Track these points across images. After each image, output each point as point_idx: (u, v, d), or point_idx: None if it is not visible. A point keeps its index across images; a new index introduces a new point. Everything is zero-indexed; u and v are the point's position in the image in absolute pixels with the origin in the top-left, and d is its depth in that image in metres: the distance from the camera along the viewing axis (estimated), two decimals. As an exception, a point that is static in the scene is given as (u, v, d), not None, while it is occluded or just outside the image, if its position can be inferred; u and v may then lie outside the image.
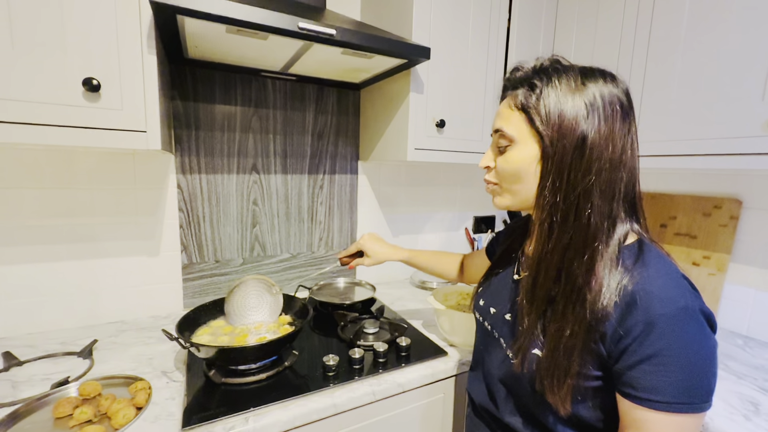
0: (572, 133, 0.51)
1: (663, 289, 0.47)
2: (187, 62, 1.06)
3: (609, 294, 0.48)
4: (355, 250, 1.02)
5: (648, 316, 0.46)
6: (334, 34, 0.82)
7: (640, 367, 0.46)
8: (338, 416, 0.78)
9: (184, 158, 1.13)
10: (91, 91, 0.69)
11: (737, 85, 0.88)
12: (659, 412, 0.45)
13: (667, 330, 0.45)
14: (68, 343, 0.95)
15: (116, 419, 0.66)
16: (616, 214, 0.52)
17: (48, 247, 0.99)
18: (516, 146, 0.56)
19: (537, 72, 0.55)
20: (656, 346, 0.45)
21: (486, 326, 0.68)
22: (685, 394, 0.45)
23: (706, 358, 0.45)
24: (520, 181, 0.57)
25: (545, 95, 0.53)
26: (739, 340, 1.11)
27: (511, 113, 0.57)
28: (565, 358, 0.50)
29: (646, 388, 0.46)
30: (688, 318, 0.45)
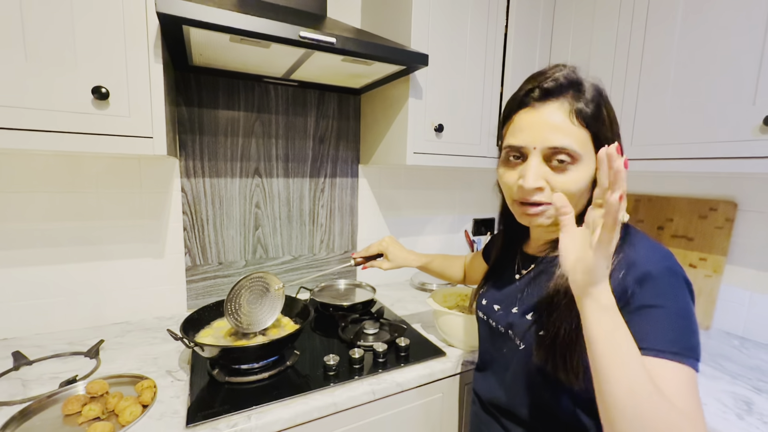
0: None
1: (651, 254, 0.51)
2: (192, 69, 1.09)
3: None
4: (375, 252, 0.99)
5: (641, 272, 0.49)
6: (335, 42, 0.85)
7: (637, 317, 0.48)
8: (338, 414, 0.80)
9: (189, 162, 1.15)
10: (100, 99, 0.72)
11: (729, 90, 0.90)
12: (660, 359, 0.45)
13: (659, 283, 0.49)
14: (75, 343, 0.97)
15: (123, 416, 0.68)
16: None
17: (56, 250, 1.02)
18: (580, 165, 0.54)
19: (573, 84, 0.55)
20: (649, 295, 0.48)
21: (491, 323, 0.70)
22: (674, 344, 0.46)
23: (690, 315, 0.49)
24: (577, 200, 0.55)
25: (603, 118, 0.55)
26: (735, 341, 1.12)
27: (576, 129, 0.53)
28: (571, 333, 0.52)
29: (645, 336, 0.46)
30: (674, 277, 0.49)
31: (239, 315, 0.90)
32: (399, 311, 1.25)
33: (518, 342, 0.62)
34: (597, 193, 0.44)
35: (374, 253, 1.00)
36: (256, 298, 0.95)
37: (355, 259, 1.00)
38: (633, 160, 1.10)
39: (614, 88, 1.14)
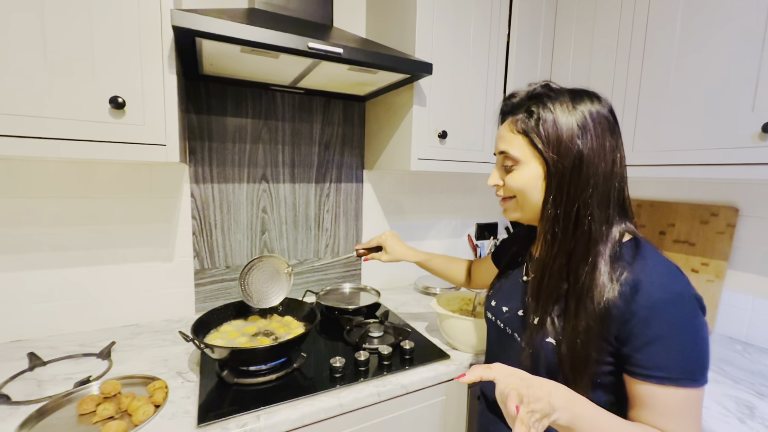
0: (570, 152, 0.57)
1: (662, 277, 0.53)
2: (202, 78, 1.12)
3: (613, 287, 0.54)
4: (375, 244, 1.05)
5: (650, 301, 0.52)
6: (342, 53, 0.87)
7: (647, 348, 0.52)
8: (344, 416, 0.82)
9: (198, 168, 1.18)
10: (117, 108, 0.75)
11: (728, 97, 0.92)
12: (666, 387, 0.51)
13: (668, 313, 0.51)
14: (87, 345, 0.99)
15: (136, 416, 0.70)
16: (612, 219, 0.58)
17: (68, 253, 1.04)
18: (521, 166, 0.62)
19: (532, 98, 0.62)
20: (660, 328, 0.51)
21: (499, 325, 0.73)
22: (688, 370, 0.51)
23: (702, 338, 0.52)
24: (525, 197, 0.63)
25: (543, 119, 0.59)
26: (738, 345, 1.13)
27: (514, 137, 0.63)
28: (584, 350, 0.55)
29: (653, 366, 0.52)
30: (684, 302, 0.52)
31: (250, 290, 0.96)
32: (403, 315, 1.27)
33: (524, 345, 0.64)
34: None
35: (374, 246, 1.06)
36: (267, 278, 1.02)
37: (358, 250, 1.07)
38: (634, 166, 1.12)
39: (615, 95, 1.16)
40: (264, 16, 0.97)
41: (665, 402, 0.51)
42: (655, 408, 0.52)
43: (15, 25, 0.68)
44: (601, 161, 0.57)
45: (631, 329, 0.52)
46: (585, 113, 0.58)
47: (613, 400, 0.58)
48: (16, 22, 0.68)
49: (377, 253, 1.05)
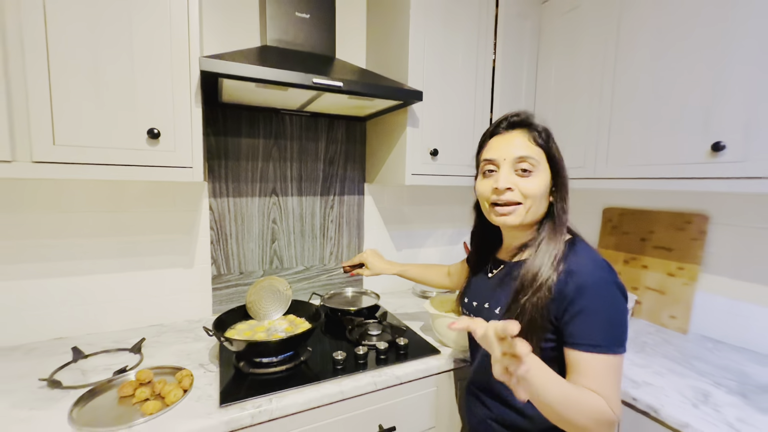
0: (564, 169, 0.74)
1: (589, 267, 0.66)
2: (220, 105, 1.27)
3: (553, 274, 0.67)
4: (357, 261, 1.20)
5: (579, 282, 0.64)
6: (341, 86, 1.01)
7: (574, 320, 0.64)
8: (345, 401, 0.93)
9: (215, 184, 1.32)
10: (153, 138, 0.89)
11: (685, 120, 1.03)
12: (590, 353, 0.63)
13: (592, 292, 0.63)
14: (120, 342, 1.13)
15: (168, 398, 0.82)
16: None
17: (101, 261, 1.19)
18: (537, 174, 0.73)
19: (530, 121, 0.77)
20: (584, 304, 0.63)
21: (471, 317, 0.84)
22: (607, 340, 0.63)
23: (619, 315, 0.64)
24: (538, 202, 0.73)
25: (552, 140, 0.75)
26: (709, 344, 1.22)
27: (533, 146, 0.74)
28: (531, 328, 0.67)
29: (580, 336, 0.64)
30: (607, 285, 0.64)
31: (257, 309, 1.10)
32: (401, 315, 1.38)
33: None
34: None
35: (357, 263, 1.20)
36: (271, 297, 1.15)
37: (344, 267, 1.21)
38: (609, 179, 1.23)
39: (592, 114, 1.28)
40: (275, 52, 1.11)
41: (590, 366, 0.63)
42: (582, 371, 0.63)
43: (75, 73, 0.83)
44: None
45: (565, 307, 0.65)
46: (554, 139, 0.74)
47: (558, 371, 0.69)
48: (76, 71, 0.83)
49: (360, 269, 1.20)
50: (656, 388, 0.94)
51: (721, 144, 0.94)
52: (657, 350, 1.16)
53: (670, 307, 1.34)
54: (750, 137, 0.91)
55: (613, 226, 1.56)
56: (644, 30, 1.13)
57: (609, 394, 0.62)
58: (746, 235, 1.18)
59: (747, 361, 1.10)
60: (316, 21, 1.22)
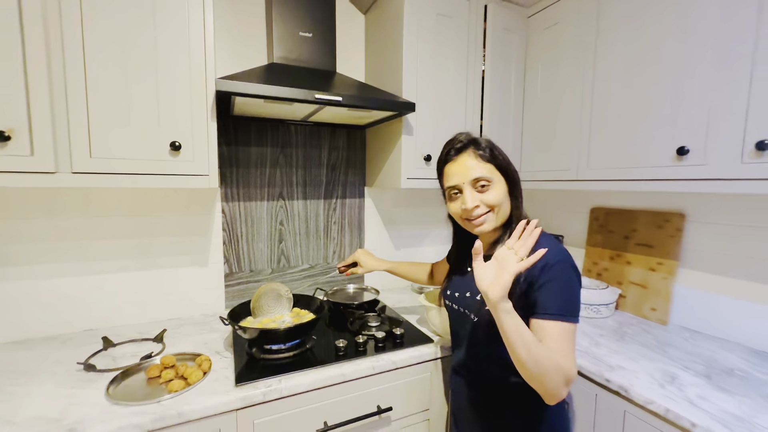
0: (514, 172, 0.86)
1: (551, 251, 0.76)
2: (231, 117, 1.39)
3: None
4: (351, 261, 1.31)
5: (542, 263, 0.75)
6: (341, 100, 1.12)
7: (537, 293, 0.76)
8: (346, 383, 1.04)
9: (227, 190, 1.44)
10: (174, 150, 1.01)
11: (654, 126, 1.13)
12: (548, 320, 0.74)
13: (554, 269, 0.75)
14: (143, 333, 1.25)
15: (191, 378, 0.94)
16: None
17: (125, 261, 1.31)
18: (495, 185, 0.85)
19: (473, 141, 0.88)
20: (547, 278, 0.75)
21: (454, 307, 0.95)
22: (566, 308, 0.75)
23: (574, 289, 0.77)
24: (501, 206, 0.86)
25: (496, 149, 0.86)
26: (686, 333, 1.30)
27: (483, 164, 0.86)
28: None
29: (541, 305, 0.75)
30: (567, 265, 0.77)
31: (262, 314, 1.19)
32: (398, 309, 1.49)
33: (473, 317, 0.86)
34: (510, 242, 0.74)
35: (351, 262, 1.31)
36: (273, 301, 1.25)
37: (339, 267, 1.32)
38: (590, 181, 1.33)
39: (574, 121, 1.38)
40: (281, 70, 1.23)
41: (554, 332, 0.73)
42: (542, 335, 0.74)
43: (108, 93, 0.95)
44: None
45: (531, 284, 0.77)
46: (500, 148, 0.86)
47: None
48: (109, 91, 0.95)
49: (354, 268, 1.30)
50: (628, 371, 1.03)
51: (685, 149, 1.04)
52: (635, 339, 1.25)
53: (651, 300, 1.43)
54: (709, 142, 1.00)
55: (600, 225, 1.66)
56: (617, 43, 1.23)
57: (567, 354, 0.73)
58: (719, 232, 1.27)
59: (717, 348, 1.19)
60: (318, 39, 1.34)
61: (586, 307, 1.43)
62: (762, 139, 0.90)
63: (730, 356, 1.13)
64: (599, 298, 1.42)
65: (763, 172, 0.91)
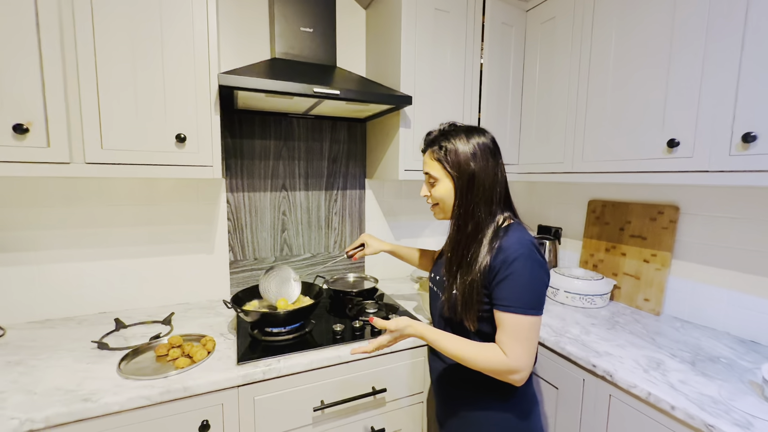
0: (466, 172, 0.86)
1: (514, 244, 0.81)
2: (236, 111, 1.44)
3: (489, 253, 0.82)
4: (359, 243, 1.34)
5: (506, 256, 0.80)
6: (339, 93, 1.16)
7: (499, 285, 0.80)
8: (343, 365, 1.10)
9: (232, 181, 1.50)
10: (180, 142, 1.07)
11: (645, 119, 1.15)
12: (507, 313, 0.79)
13: (515, 263, 0.79)
14: (153, 316, 1.32)
15: (196, 357, 1.00)
16: (495, 212, 0.88)
17: (136, 248, 1.38)
18: (440, 183, 0.91)
19: (441, 134, 0.91)
20: (508, 271, 0.79)
21: (433, 288, 1.01)
22: (520, 302, 0.78)
23: (533, 282, 0.79)
24: (444, 203, 0.92)
25: (449, 151, 0.88)
26: (677, 323, 1.33)
27: (433, 162, 0.92)
28: (470, 295, 0.83)
29: (501, 297, 0.80)
30: (527, 259, 0.79)
31: (270, 293, 1.24)
32: (396, 297, 1.54)
33: (443, 298, 0.92)
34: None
35: (359, 244, 1.34)
36: (281, 282, 1.29)
37: (347, 252, 1.35)
38: (584, 173, 1.35)
39: (569, 114, 1.40)
40: (282, 65, 1.27)
41: (506, 323, 0.78)
42: (501, 328, 0.79)
43: (118, 88, 1.01)
44: (487, 176, 0.87)
45: (494, 276, 0.80)
46: (475, 144, 0.87)
47: (492, 330, 0.85)
48: (120, 87, 1.01)
49: (362, 251, 1.34)
50: (615, 357, 1.07)
51: (675, 141, 1.06)
52: (626, 328, 1.28)
53: (645, 291, 1.45)
54: (698, 135, 1.02)
55: (597, 217, 1.68)
56: (612, 38, 1.24)
57: (512, 346, 0.77)
58: (711, 224, 1.28)
59: (705, 337, 1.21)
60: (319, 34, 1.38)
61: (581, 298, 1.46)
62: (748, 131, 0.92)
63: (717, 344, 1.16)
64: (593, 288, 1.45)
65: (749, 164, 0.93)
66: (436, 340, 0.84)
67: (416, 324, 0.87)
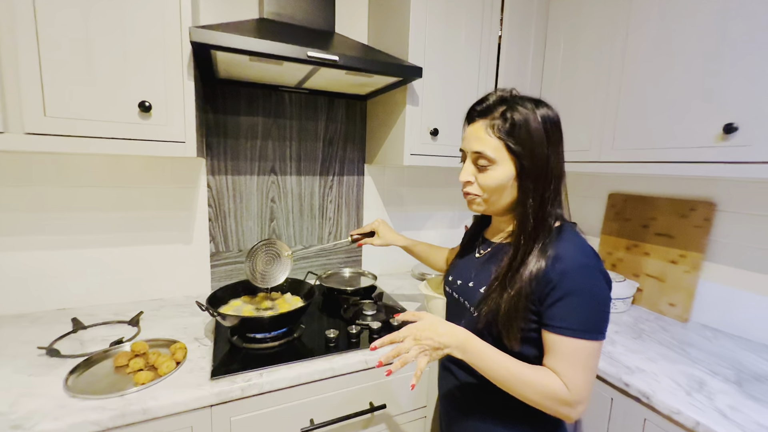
0: (540, 156, 0.67)
1: (574, 253, 0.64)
2: (218, 82, 1.25)
3: (541, 259, 0.65)
4: (369, 230, 1.16)
5: (563, 268, 0.63)
6: (337, 59, 0.98)
7: (555, 305, 0.63)
8: (335, 378, 0.94)
9: (214, 162, 1.32)
10: (144, 111, 0.88)
11: (695, 100, 0.98)
12: (566, 337, 0.63)
13: (574, 278, 0.62)
14: (120, 314, 1.15)
15: (161, 369, 0.84)
16: (555, 209, 0.70)
17: (104, 236, 1.20)
18: (495, 166, 0.69)
19: (502, 102, 0.70)
20: (566, 289, 0.62)
21: (455, 296, 0.84)
22: (584, 325, 0.62)
23: (599, 301, 0.63)
24: (496, 194, 0.71)
25: (518, 125, 0.67)
26: (708, 332, 1.20)
27: (489, 138, 0.69)
28: (514, 309, 0.66)
29: (558, 319, 0.63)
30: (590, 271, 0.63)
31: (255, 271, 1.10)
32: (397, 296, 1.39)
33: (472, 310, 0.75)
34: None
35: (368, 231, 1.16)
36: (270, 260, 1.14)
37: (352, 235, 1.17)
38: (614, 162, 1.20)
39: (599, 95, 1.23)
40: (271, 26, 1.08)
41: (563, 349, 0.63)
42: (555, 353, 0.63)
43: (65, 44, 0.81)
44: (559, 161, 0.69)
45: (548, 292, 0.64)
46: (547, 121, 0.67)
47: (537, 353, 0.69)
48: (68, 42, 0.81)
49: (370, 238, 1.16)
50: (649, 375, 0.93)
51: (733, 126, 0.90)
52: (653, 337, 1.15)
53: (670, 295, 1.31)
54: (759, 120, 0.86)
55: (617, 212, 1.53)
56: (653, 6, 1.07)
57: (572, 376, 0.62)
58: (751, 223, 1.14)
59: (742, 349, 1.08)
60: (315, -6, 1.19)
61: (599, 301, 1.32)
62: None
63: (757, 359, 1.03)
64: (615, 291, 1.31)
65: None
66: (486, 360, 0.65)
67: (475, 339, 0.67)
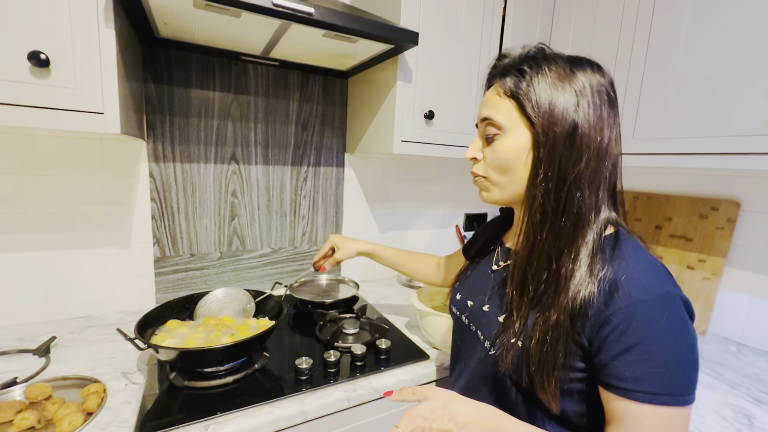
0: (563, 120, 0.48)
1: (643, 276, 0.45)
2: (161, 42, 0.99)
3: (591, 282, 0.46)
4: (327, 248, 0.99)
5: (629, 302, 0.44)
6: (312, 12, 0.76)
7: (623, 357, 0.44)
8: (309, 423, 0.73)
9: (158, 145, 1.06)
10: (39, 66, 0.63)
11: (740, 84, 0.83)
12: (645, 404, 0.43)
13: (649, 317, 0.43)
14: (26, 339, 0.89)
15: (61, 427, 0.60)
16: (600, 204, 0.50)
17: (8, 237, 0.93)
18: (505, 135, 0.53)
19: (525, 59, 0.53)
20: (639, 334, 0.43)
21: (463, 320, 0.65)
22: (670, 386, 0.43)
23: (688, 347, 0.44)
24: (508, 172, 0.54)
25: (536, 82, 0.50)
26: (732, 347, 1.07)
27: (500, 100, 0.54)
28: (552, 350, 0.47)
29: (630, 378, 0.44)
30: (669, 304, 0.44)
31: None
32: (383, 309, 1.18)
33: (488, 346, 0.56)
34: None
35: (327, 250, 0.99)
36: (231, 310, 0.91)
37: (315, 264, 1.00)
38: (634, 154, 1.04)
39: (618, 75, 1.07)
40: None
41: (642, 421, 0.43)
42: (630, 427, 0.44)
43: None
44: (597, 134, 0.49)
45: (607, 335, 0.45)
46: (584, 81, 0.49)
47: (583, 410, 0.50)
48: None
49: (332, 257, 0.97)
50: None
51: (790, 111, 0.75)
52: (677, 355, 1.00)
53: (687, 305, 1.18)
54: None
55: (625, 212, 1.38)
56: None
57: None
58: (785, 226, 1.02)
59: (780, 370, 0.95)
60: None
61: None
62: None
63: (801, 383, 0.90)
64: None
65: None
66: None
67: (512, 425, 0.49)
